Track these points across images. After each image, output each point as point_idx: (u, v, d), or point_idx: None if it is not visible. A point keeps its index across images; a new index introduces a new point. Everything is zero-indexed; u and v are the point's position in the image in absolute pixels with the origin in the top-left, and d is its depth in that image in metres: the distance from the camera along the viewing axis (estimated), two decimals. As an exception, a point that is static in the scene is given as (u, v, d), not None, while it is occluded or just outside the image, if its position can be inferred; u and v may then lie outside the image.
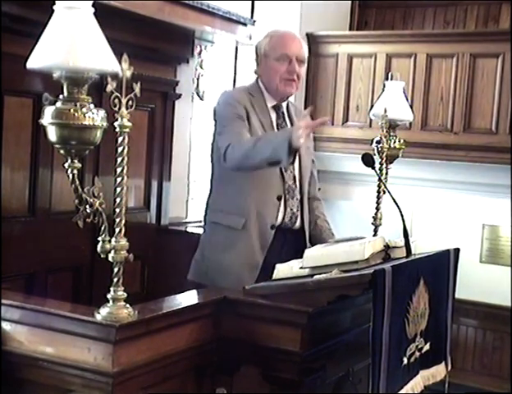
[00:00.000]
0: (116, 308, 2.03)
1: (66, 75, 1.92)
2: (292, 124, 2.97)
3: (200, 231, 4.12)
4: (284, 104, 2.99)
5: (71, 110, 1.92)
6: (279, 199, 2.88)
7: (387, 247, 2.52)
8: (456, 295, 2.77)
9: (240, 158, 2.67)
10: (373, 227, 3.34)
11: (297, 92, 3.07)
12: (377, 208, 3.33)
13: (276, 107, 2.95)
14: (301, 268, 2.51)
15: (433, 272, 2.58)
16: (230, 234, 2.85)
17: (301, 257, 2.53)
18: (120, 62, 1.95)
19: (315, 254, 2.53)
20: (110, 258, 2.03)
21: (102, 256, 2.04)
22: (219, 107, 2.89)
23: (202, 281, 2.85)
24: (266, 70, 2.93)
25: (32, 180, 3.29)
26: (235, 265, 2.81)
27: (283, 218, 2.89)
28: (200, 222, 4.44)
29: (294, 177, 2.94)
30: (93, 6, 1.93)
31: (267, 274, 2.68)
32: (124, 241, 2.03)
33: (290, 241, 2.93)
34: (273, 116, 2.95)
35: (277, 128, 2.93)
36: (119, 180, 2.01)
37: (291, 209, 2.91)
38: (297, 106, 3.16)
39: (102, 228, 2.03)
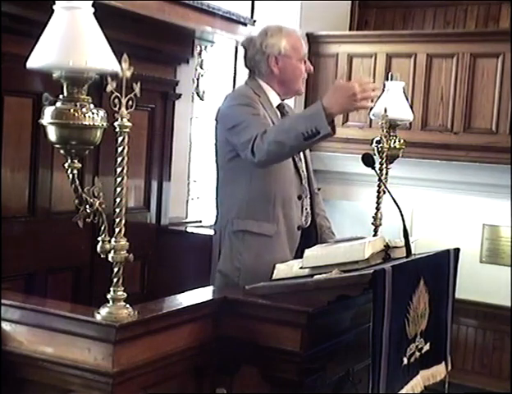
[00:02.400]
0: (116, 308, 2.03)
1: (66, 75, 1.92)
2: None
3: (200, 231, 4.16)
4: (284, 103, 2.98)
5: (71, 110, 1.92)
6: (299, 198, 2.87)
7: (387, 247, 2.52)
8: (456, 295, 2.77)
9: (271, 147, 2.54)
10: (373, 227, 3.34)
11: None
12: (377, 208, 3.33)
13: (281, 107, 2.93)
14: (301, 267, 2.51)
15: (433, 272, 2.58)
16: (263, 241, 2.78)
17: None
18: (120, 62, 1.95)
19: (315, 254, 2.53)
20: (110, 258, 2.03)
21: (102, 256, 2.04)
22: (231, 110, 2.78)
23: None
24: (289, 70, 2.87)
25: (32, 180, 3.29)
26: (271, 271, 2.71)
27: (300, 218, 2.88)
28: (200, 221, 4.47)
29: (304, 176, 2.93)
30: (93, 6, 1.93)
31: None
32: (124, 241, 2.03)
33: (305, 239, 2.91)
34: (279, 115, 2.91)
35: None
36: (119, 180, 2.01)
37: (306, 209, 2.92)
38: (291, 106, 3.14)
39: (102, 228, 2.03)
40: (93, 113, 1.94)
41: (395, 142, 3.41)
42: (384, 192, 3.27)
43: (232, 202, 2.84)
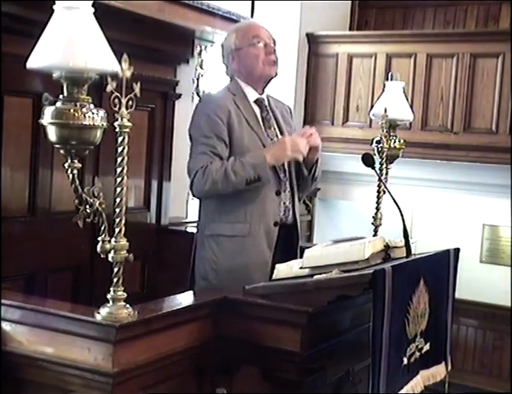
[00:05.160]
0: (116, 308, 2.03)
1: (66, 75, 1.92)
2: (275, 116, 2.98)
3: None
4: (265, 97, 3.00)
5: (71, 110, 1.92)
6: (277, 194, 2.88)
7: (387, 247, 2.52)
8: (456, 295, 2.77)
9: (211, 186, 2.73)
10: (373, 227, 3.34)
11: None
12: (377, 208, 3.33)
13: (259, 101, 2.96)
14: (301, 267, 2.51)
15: (433, 272, 2.58)
16: (238, 242, 2.82)
17: (295, 254, 2.53)
18: (120, 62, 1.95)
19: (315, 254, 2.53)
20: (110, 258, 2.03)
21: (102, 256, 2.04)
22: (198, 116, 2.89)
23: None
24: (244, 60, 2.92)
25: (32, 180, 3.29)
26: (247, 270, 2.78)
27: (279, 213, 2.89)
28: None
29: (285, 170, 2.94)
30: (93, 6, 1.93)
31: None
32: (124, 241, 2.03)
33: (286, 236, 2.94)
34: (257, 110, 2.95)
35: (263, 122, 2.94)
36: (119, 180, 2.01)
37: (284, 203, 2.92)
38: (276, 98, 3.14)
39: (102, 228, 2.03)
40: (93, 113, 1.94)
41: (395, 142, 3.41)
42: (384, 192, 3.27)
43: (209, 207, 2.92)
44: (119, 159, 2.00)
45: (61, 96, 1.96)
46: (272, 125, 2.96)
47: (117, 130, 1.98)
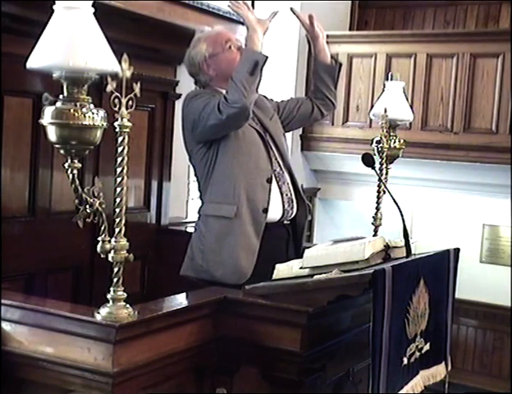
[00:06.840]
0: (116, 308, 2.03)
1: (66, 75, 1.92)
2: (258, 117, 2.98)
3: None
4: None
5: (71, 110, 1.92)
6: (269, 181, 2.89)
7: (387, 247, 2.52)
8: (456, 295, 2.77)
9: (236, 96, 2.67)
10: (373, 227, 3.34)
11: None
12: (377, 208, 3.33)
13: None
14: (301, 267, 2.51)
15: (433, 272, 2.58)
16: (224, 223, 2.83)
17: (298, 251, 2.53)
18: (120, 62, 1.95)
19: (315, 254, 2.53)
20: (110, 258, 2.03)
21: (102, 256, 2.04)
22: (189, 109, 2.88)
23: (198, 276, 2.86)
24: (222, 66, 2.92)
25: (32, 180, 3.28)
26: (232, 252, 2.80)
27: (283, 205, 2.91)
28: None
29: (279, 163, 2.96)
30: (93, 6, 1.93)
31: (264, 260, 2.73)
32: (124, 241, 2.03)
33: (289, 229, 2.97)
34: None
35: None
36: (119, 180, 2.01)
37: (287, 195, 2.94)
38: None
39: (102, 228, 2.03)
40: (93, 113, 1.95)
41: (395, 142, 3.41)
42: (384, 192, 3.27)
43: (202, 191, 2.96)
44: (119, 159, 2.00)
45: (61, 96, 1.96)
46: (254, 121, 2.96)
47: (117, 130, 1.98)
